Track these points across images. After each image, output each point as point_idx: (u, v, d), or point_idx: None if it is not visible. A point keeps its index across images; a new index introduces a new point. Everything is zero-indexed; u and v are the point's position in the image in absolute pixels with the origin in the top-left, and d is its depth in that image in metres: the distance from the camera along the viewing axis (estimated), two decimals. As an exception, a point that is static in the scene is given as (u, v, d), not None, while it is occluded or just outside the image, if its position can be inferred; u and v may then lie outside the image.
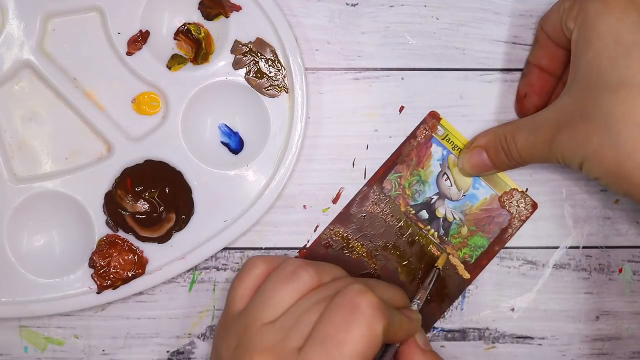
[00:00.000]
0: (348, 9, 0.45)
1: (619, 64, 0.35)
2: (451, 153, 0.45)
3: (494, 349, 0.46)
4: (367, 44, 0.45)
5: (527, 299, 0.46)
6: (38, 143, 0.44)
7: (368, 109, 0.45)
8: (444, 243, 0.45)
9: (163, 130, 0.43)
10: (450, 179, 0.45)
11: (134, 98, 0.44)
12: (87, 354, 0.45)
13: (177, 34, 0.44)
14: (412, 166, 0.45)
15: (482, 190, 0.45)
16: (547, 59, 0.43)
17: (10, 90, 0.44)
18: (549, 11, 0.42)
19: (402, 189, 0.45)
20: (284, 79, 0.43)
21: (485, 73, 0.45)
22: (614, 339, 0.46)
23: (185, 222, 0.43)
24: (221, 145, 0.44)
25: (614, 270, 0.46)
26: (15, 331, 0.45)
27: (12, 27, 0.43)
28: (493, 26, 0.45)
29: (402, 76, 0.45)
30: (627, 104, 0.35)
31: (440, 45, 0.45)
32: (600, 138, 0.35)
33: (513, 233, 0.45)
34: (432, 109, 0.45)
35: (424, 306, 0.43)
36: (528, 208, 0.45)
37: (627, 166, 0.35)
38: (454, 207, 0.45)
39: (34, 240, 0.44)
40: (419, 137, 0.45)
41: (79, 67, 0.44)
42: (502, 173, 0.45)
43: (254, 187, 0.44)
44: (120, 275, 0.43)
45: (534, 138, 0.39)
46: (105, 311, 0.45)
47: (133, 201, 0.43)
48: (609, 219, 0.46)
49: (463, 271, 0.45)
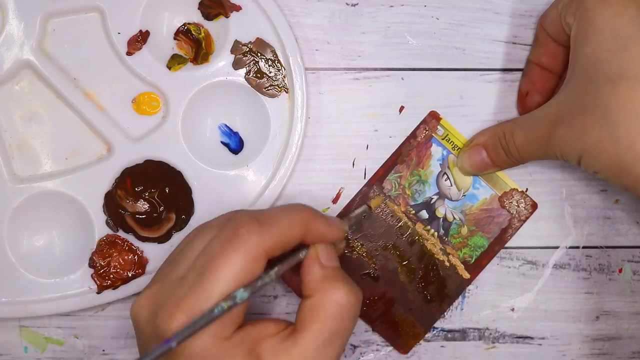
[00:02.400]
0: (348, 9, 0.45)
1: (617, 57, 0.35)
2: (451, 153, 0.45)
3: (494, 349, 0.46)
4: (367, 44, 0.45)
5: (527, 299, 0.46)
6: (38, 143, 0.44)
7: (368, 109, 0.45)
8: (444, 243, 0.45)
9: (163, 130, 0.43)
10: (450, 179, 0.45)
11: (134, 98, 0.44)
12: (87, 354, 0.45)
13: (177, 34, 0.44)
14: (412, 166, 0.45)
15: (482, 190, 0.45)
16: (547, 57, 0.43)
17: (10, 90, 0.44)
18: (548, 8, 0.42)
19: (402, 189, 0.45)
20: (284, 79, 0.43)
21: (485, 73, 0.45)
22: (614, 339, 0.46)
23: (185, 222, 0.43)
24: (221, 145, 0.44)
25: (614, 270, 0.46)
26: (15, 331, 0.45)
27: (12, 27, 0.43)
28: (493, 26, 0.45)
29: (402, 76, 0.45)
30: (626, 96, 0.34)
31: (440, 45, 0.45)
32: (598, 131, 0.35)
33: (513, 233, 0.45)
34: (432, 109, 0.45)
35: (423, 305, 0.42)
36: (528, 208, 0.45)
37: (627, 158, 0.35)
38: (454, 207, 0.45)
39: (34, 240, 0.44)
40: (419, 137, 0.45)
41: (79, 67, 0.44)
42: (501, 173, 0.45)
43: (254, 187, 0.44)
44: (120, 275, 0.43)
45: (533, 134, 0.39)
46: (105, 311, 0.45)
47: (133, 201, 0.43)
48: (609, 219, 0.46)
49: (463, 271, 0.45)
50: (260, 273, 0.34)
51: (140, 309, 0.34)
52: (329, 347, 0.34)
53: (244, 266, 0.33)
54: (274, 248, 0.34)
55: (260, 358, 0.33)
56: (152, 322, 0.33)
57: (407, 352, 0.45)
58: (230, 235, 0.34)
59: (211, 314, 0.32)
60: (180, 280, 0.34)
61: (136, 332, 0.35)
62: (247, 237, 0.33)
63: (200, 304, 0.32)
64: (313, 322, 0.34)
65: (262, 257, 0.34)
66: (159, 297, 0.34)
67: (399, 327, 0.45)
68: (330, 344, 0.34)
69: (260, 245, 0.34)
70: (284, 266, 0.36)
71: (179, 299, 0.33)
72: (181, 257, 0.35)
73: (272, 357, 0.33)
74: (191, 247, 0.35)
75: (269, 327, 0.35)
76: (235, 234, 0.34)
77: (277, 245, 0.34)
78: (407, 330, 0.45)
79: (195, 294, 0.33)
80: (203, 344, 0.33)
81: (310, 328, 0.34)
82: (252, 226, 0.34)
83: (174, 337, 0.32)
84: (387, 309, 0.45)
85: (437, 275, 0.45)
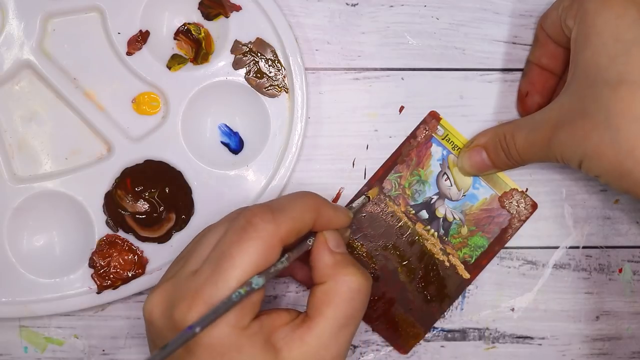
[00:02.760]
0: (348, 9, 0.45)
1: (618, 61, 0.35)
2: (451, 153, 0.45)
3: (494, 349, 0.46)
4: (367, 44, 0.45)
5: (527, 299, 0.46)
6: (38, 143, 0.44)
7: (368, 109, 0.45)
8: (444, 243, 0.45)
9: (163, 130, 0.43)
10: (450, 179, 0.45)
11: (134, 98, 0.44)
12: (87, 354, 0.45)
13: (177, 34, 0.44)
14: (412, 166, 0.45)
15: (482, 190, 0.45)
16: (547, 57, 0.42)
17: (10, 90, 0.44)
18: (548, 10, 0.41)
19: (402, 189, 0.45)
20: (284, 79, 0.43)
21: (485, 73, 0.45)
22: (614, 339, 0.46)
23: (185, 222, 0.43)
24: (221, 145, 0.44)
25: (614, 270, 0.46)
26: (15, 331, 0.45)
27: (12, 27, 0.43)
28: (493, 26, 0.45)
29: (402, 76, 0.45)
30: (627, 100, 0.34)
31: (440, 45, 0.45)
32: (599, 135, 0.35)
33: (513, 233, 0.45)
34: (432, 109, 0.45)
35: (423, 305, 0.42)
36: (528, 208, 0.45)
37: (628, 163, 0.35)
38: (454, 207, 0.45)
39: (34, 240, 0.44)
40: (419, 137, 0.45)
41: (79, 67, 0.44)
42: (502, 173, 0.45)
43: (254, 187, 0.44)
44: (120, 275, 0.43)
45: (533, 137, 0.39)
46: (105, 311, 0.45)
47: (133, 201, 0.43)
48: (609, 219, 0.46)
49: (463, 271, 0.45)
50: (275, 261, 0.34)
51: (154, 307, 0.34)
52: (343, 331, 0.35)
53: (261, 254, 0.33)
54: (289, 235, 0.34)
55: (276, 347, 0.34)
56: (168, 316, 0.33)
57: (407, 352, 0.45)
58: (245, 224, 0.34)
59: (230, 300, 0.32)
60: (194, 274, 0.34)
61: (150, 331, 0.35)
62: (262, 225, 0.33)
63: (219, 293, 0.32)
64: (327, 308, 0.34)
65: (277, 244, 0.34)
66: (173, 292, 0.34)
67: (399, 327, 0.45)
68: (344, 328, 0.35)
69: (275, 233, 0.34)
70: (294, 254, 0.36)
71: (196, 291, 0.33)
72: (193, 253, 0.35)
73: (287, 344, 0.34)
74: (202, 244, 0.35)
75: (281, 316, 0.35)
76: (250, 222, 0.34)
77: (292, 233, 0.34)
78: (407, 330, 0.45)
79: (214, 283, 0.32)
80: (222, 333, 0.32)
81: (325, 314, 0.34)
82: (266, 215, 0.34)
83: (196, 324, 0.31)
84: (387, 309, 0.45)
85: (437, 275, 0.45)
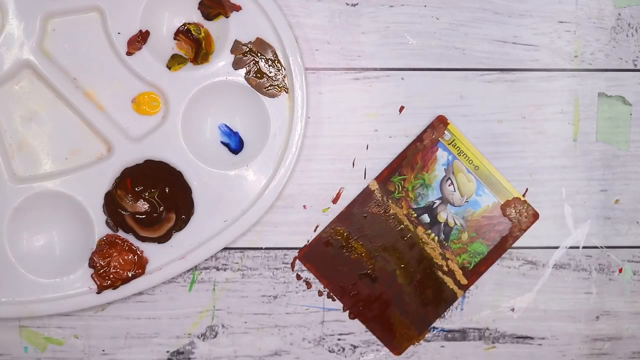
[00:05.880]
0: (348, 9, 0.45)
1: None
2: (457, 158, 0.45)
3: (494, 349, 0.46)
4: (367, 44, 0.45)
5: (527, 299, 0.46)
6: (38, 143, 0.44)
7: (368, 109, 0.45)
8: (444, 248, 0.45)
9: (163, 130, 0.43)
10: (454, 185, 0.45)
11: (134, 98, 0.44)
12: (87, 354, 0.45)
13: (177, 34, 0.44)
14: (416, 169, 0.45)
15: (485, 198, 0.45)
16: None
17: (10, 90, 0.44)
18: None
19: (406, 191, 0.45)
20: (284, 79, 0.43)
21: (485, 73, 0.45)
22: (614, 339, 0.46)
23: (185, 222, 0.43)
24: (221, 145, 0.44)
25: (614, 270, 0.46)
26: (15, 331, 0.45)
27: (12, 27, 0.43)
28: (493, 26, 0.45)
29: (402, 76, 0.45)
30: None
31: (440, 45, 0.45)
32: None
33: (513, 242, 0.45)
34: (432, 109, 0.45)
35: (419, 308, 0.42)
36: (529, 218, 0.45)
37: None
38: (456, 213, 0.45)
39: (34, 240, 0.44)
40: (425, 141, 0.45)
41: (79, 67, 0.44)
42: (504, 180, 0.45)
43: (254, 187, 0.44)
44: (120, 275, 0.43)
45: None
46: (105, 311, 0.45)
47: (133, 201, 0.43)
48: (609, 219, 0.46)
49: (461, 277, 0.45)
50: None
51: None
52: None
53: None
54: None
55: None
56: None
57: (399, 353, 0.45)
58: None
59: None
60: None
61: None
62: None
63: None
64: None
65: None
66: None
67: (393, 328, 0.45)
68: None
69: None
70: None
71: None
72: None
73: None
74: None
75: None
76: None
77: None
78: (402, 332, 0.45)
79: None
80: None
81: None
82: None
83: None
84: (383, 310, 0.45)
85: (435, 280, 0.45)
